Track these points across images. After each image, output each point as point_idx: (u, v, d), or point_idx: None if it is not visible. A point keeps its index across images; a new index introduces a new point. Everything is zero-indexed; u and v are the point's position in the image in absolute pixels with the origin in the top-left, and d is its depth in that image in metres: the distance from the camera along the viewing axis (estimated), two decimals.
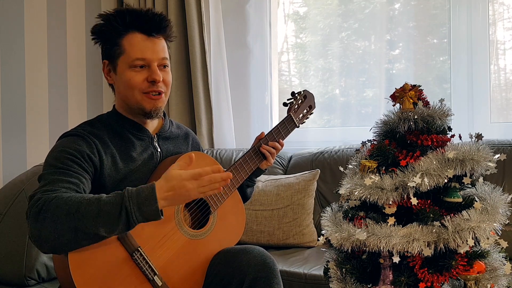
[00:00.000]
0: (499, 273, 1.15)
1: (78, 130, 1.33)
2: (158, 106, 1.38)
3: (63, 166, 1.23)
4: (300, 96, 1.70)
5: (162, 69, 1.38)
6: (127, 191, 1.16)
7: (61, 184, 1.20)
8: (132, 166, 1.36)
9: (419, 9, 2.50)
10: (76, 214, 1.11)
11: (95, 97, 2.66)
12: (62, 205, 1.12)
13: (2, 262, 1.82)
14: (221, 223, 1.46)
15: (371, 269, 1.19)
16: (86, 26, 2.59)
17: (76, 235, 1.12)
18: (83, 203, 1.13)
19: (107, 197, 1.16)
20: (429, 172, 1.11)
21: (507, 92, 2.36)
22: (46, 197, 1.14)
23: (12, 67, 2.24)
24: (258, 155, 1.56)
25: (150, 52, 1.34)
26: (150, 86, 1.35)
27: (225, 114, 2.69)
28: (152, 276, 1.26)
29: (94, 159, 1.29)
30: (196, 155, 1.45)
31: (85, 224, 1.11)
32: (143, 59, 1.33)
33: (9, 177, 2.16)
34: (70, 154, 1.25)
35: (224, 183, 1.23)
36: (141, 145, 1.41)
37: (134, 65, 1.34)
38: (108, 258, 1.20)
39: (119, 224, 1.14)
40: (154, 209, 1.15)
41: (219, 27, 2.68)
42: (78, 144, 1.28)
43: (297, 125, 1.67)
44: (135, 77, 1.34)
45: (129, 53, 1.34)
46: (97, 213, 1.12)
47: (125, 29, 1.34)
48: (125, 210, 1.13)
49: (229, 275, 1.33)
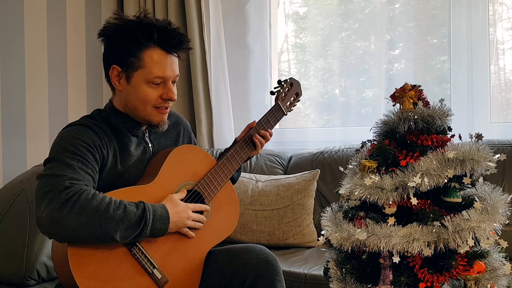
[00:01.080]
0: (499, 273, 1.15)
1: (85, 122, 1.33)
2: (164, 119, 1.41)
3: (80, 153, 1.24)
4: (287, 84, 1.70)
5: (173, 85, 1.39)
6: (147, 206, 1.23)
7: (83, 174, 1.22)
8: (129, 162, 1.38)
9: (419, 9, 2.50)
10: (105, 213, 1.16)
11: (95, 97, 2.66)
12: (92, 200, 1.16)
13: (2, 262, 1.82)
14: (215, 213, 1.48)
15: (371, 269, 1.19)
16: (86, 26, 2.59)
17: (95, 232, 1.16)
18: (112, 205, 1.18)
19: (130, 205, 1.21)
20: (429, 172, 1.11)
21: (507, 92, 2.36)
22: (77, 187, 1.17)
23: (12, 67, 2.24)
24: (249, 145, 1.57)
25: (170, 70, 1.36)
26: (163, 102, 1.37)
27: (225, 114, 2.69)
28: (152, 270, 1.29)
29: (103, 150, 1.31)
30: (189, 148, 1.49)
31: (108, 225, 1.16)
32: (162, 78, 1.34)
33: (9, 177, 2.16)
34: (84, 142, 1.26)
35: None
36: (135, 141, 1.42)
37: (152, 82, 1.34)
38: (108, 254, 1.22)
39: (134, 234, 1.21)
40: (165, 228, 1.26)
41: (219, 27, 2.68)
42: (89, 133, 1.29)
43: (285, 113, 1.67)
44: (151, 94, 1.35)
45: (150, 69, 1.32)
46: (121, 218, 1.18)
47: (147, 43, 1.32)
48: (144, 223, 1.21)
49: (231, 273, 1.34)
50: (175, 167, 1.41)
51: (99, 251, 1.21)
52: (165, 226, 1.26)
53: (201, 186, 1.45)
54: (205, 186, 1.46)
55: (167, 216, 1.26)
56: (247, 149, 1.57)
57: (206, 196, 1.45)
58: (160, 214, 1.25)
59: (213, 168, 1.49)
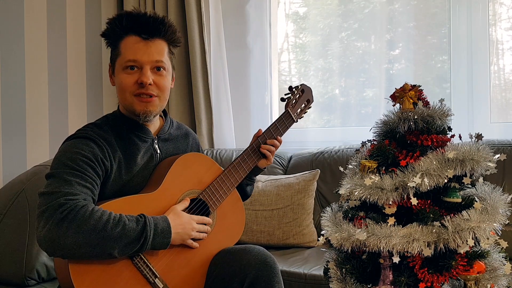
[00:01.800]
0: (499, 273, 1.15)
1: (88, 133, 1.31)
2: (149, 109, 1.36)
3: (79, 168, 1.22)
4: (298, 91, 1.68)
5: (156, 72, 1.36)
6: (148, 220, 1.21)
7: (80, 189, 1.20)
8: (134, 170, 1.37)
9: (419, 9, 2.50)
10: (102, 232, 1.14)
11: (95, 97, 2.66)
12: (89, 218, 1.14)
13: (2, 262, 1.82)
14: (220, 222, 1.45)
15: (371, 269, 1.19)
16: (86, 26, 2.59)
17: (93, 251, 1.14)
18: (110, 222, 1.16)
19: (130, 221, 1.19)
20: (429, 172, 1.11)
21: (507, 92, 2.36)
22: (72, 204, 1.14)
23: (12, 67, 2.24)
24: (257, 153, 1.55)
25: (142, 53, 1.33)
26: (139, 88, 1.34)
27: (225, 114, 2.69)
28: (153, 279, 1.26)
29: (106, 163, 1.29)
30: (194, 156, 1.46)
31: (107, 243, 1.14)
32: (134, 61, 1.33)
33: (9, 177, 2.16)
34: (85, 157, 1.24)
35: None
36: (143, 147, 1.40)
37: (126, 66, 1.34)
38: (108, 263, 1.20)
39: (133, 250, 1.19)
40: (166, 242, 1.24)
41: (219, 27, 2.68)
42: (92, 147, 1.27)
43: (295, 120, 1.65)
44: (126, 79, 1.34)
45: (123, 55, 1.34)
46: (120, 236, 1.16)
47: (124, 32, 1.35)
48: (144, 238, 1.19)
49: (229, 274, 1.33)
50: (180, 175, 1.39)
51: (100, 261, 1.19)
52: (166, 240, 1.24)
53: (206, 194, 1.43)
54: (210, 195, 1.43)
55: (169, 230, 1.24)
56: (255, 157, 1.55)
57: (211, 205, 1.43)
58: (162, 228, 1.23)
59: (219, 177, 1.46)
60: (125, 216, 1.20)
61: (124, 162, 1.34)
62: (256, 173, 1.63)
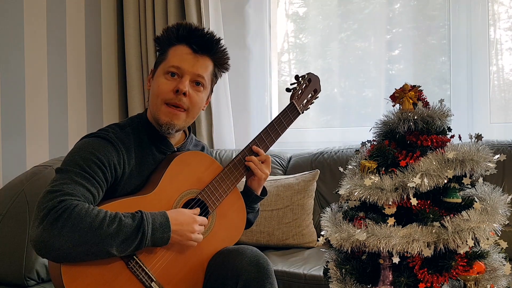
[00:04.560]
0: (499, 273, 1.15)
1: (109, 134, 1.30)
2: (173, 122, 1.35)
3: (89, 170, 1.21)
4: (304, 80, 1.61)
5: (194, 86, 1.37)
6: (145, 215, 1.19)
7: (83, 191, 1.18)
8: (140, 181, 1.36)
9: (419, 10, 2.50)
10: (98, 230, 1.12)
11: (95, 98, 2.66)
12: (84, 217, 1.12)
13: (2, 263, 1.82)
14: (220, 222, 1.42)
15: (370, 270, 1.18)
16: (86, 26, 2.59)
17: (90, 249, 1.12)
18: (106, 220, 1.14)
19: (126, 217, 1.17)
20: (429, 173, 1.11)
21: (506, 92, 2.36)
22: (68, 203, 1.12)
23: (12, 68, 2.24)
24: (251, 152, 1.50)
25: (187, 63, 1.35)
26: (173, 97, 1.34)
27: (225, 114, 2.69)
28: (149, 283, 1.24)
29: (118, 169, 1.28)
30: (193, 154, 1.44)
31: (103, 241, 1.12)
32: (177, 68, 1.34)
33: (9, 177, 2.16)
34: (98, 160, 1.23)
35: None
36: (160, 159, 1.40)
37: (167, 72, 1.35)
38: (103, 267, 1.18)
39: (132, 246, 1.17)
40: (166, 237, 1.22)
41: (218, 28, 2.68)
42: (108, 150, 1.26)
43: (300, 112, 1.59)
44: (163, 84, 1.35)
45: (169, 60, 1.36)
46: (116, 233, 1.14)
47: (176, 40, 1.37)
48: (142, 233, 1.17)
49: (223, 276, 1.32)
50: (178, 174, 1.35)
51: (94, 265, 1.16)
52: (166, 235, 1.21)
53: (205, 194, 1.39)
54: (209, 194, 1.39)
55: (167, 224, 1.22)
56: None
57: (210, 204, 1.39)
58: (160, 223, 1.21)
59: (219, 175, 1.42)
60: (121, 213, 1.18)
61: (135, 170, 1.33)
62: (255, 201, 1.56)
